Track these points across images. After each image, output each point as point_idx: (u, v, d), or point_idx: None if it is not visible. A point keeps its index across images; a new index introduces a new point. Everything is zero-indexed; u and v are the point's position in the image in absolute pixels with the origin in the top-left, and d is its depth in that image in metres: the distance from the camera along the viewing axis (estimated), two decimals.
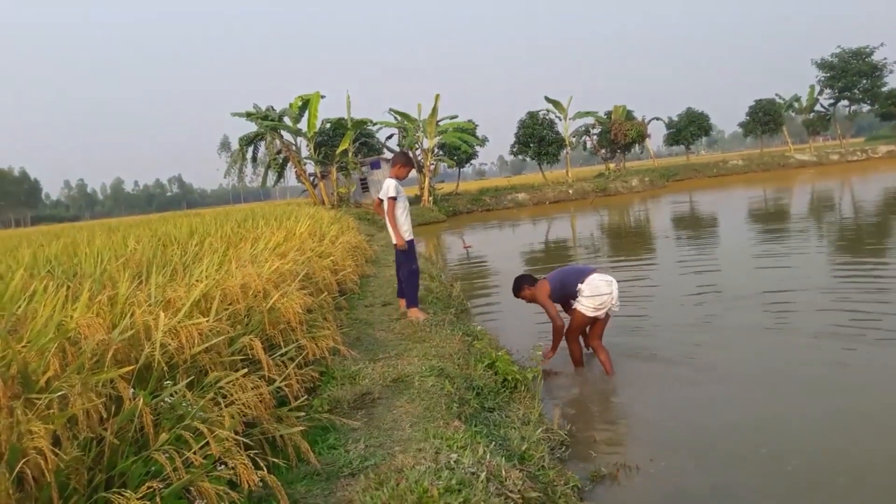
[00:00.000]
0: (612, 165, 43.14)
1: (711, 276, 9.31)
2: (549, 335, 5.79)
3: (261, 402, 2.98)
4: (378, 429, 3.38)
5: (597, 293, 5.27)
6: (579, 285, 5.33)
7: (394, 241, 6.23)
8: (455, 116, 34.24)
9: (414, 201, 33.60)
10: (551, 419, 4.11)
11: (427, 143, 33.40)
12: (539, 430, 3.70)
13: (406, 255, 6.29)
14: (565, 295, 5.50)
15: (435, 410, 3.54)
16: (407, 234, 6.29)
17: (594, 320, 5.42)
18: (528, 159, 41.85)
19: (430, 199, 32.90)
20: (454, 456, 2.87)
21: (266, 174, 33.35)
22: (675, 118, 48.36)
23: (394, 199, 6.17)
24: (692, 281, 9.06)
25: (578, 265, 5.71)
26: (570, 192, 36.10)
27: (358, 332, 5.60)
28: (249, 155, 33.35)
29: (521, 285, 5.65)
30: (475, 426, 3.48)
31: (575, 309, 5.40)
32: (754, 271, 9.30)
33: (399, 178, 6.32)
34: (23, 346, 2.59)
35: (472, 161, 38.66)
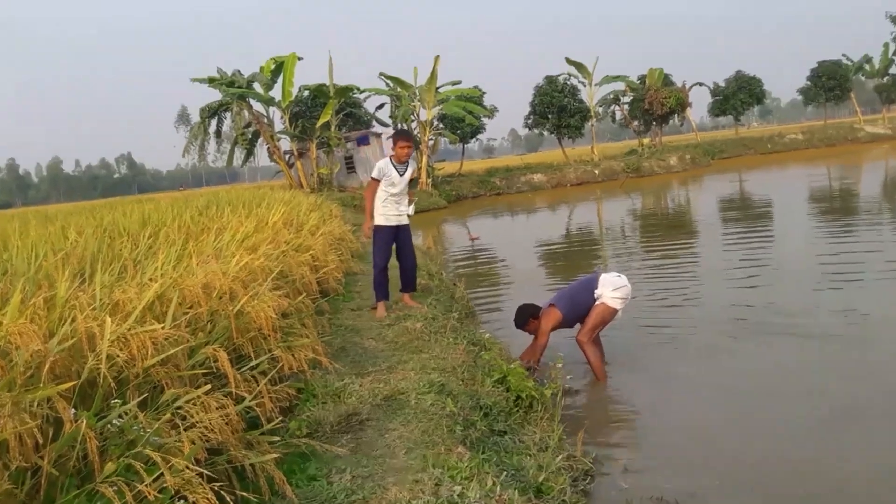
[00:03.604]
0: (646, 140, 43.21)
1: (763, 275, 9.31)
2: (572, 342, 5.97)
3: (227, 424, 2.99)
4: (367, 456, 3.40)
5: (617, 286, 5.84)
6: (596, 291, 5.85)
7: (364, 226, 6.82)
8: (458, 82, 34.27)
9: (410, 184, 33.41)
10: (573, 444, 4.11)
11: (425, 115, 33.29)
12: (559, 458, 3.71)
13: (373, 243, 6.78)
14: (581, 312, 5.89)
15: (435, 434, 3.55)
16: (380, 218, 6.77)
17: (612, 316, 5.88)
18: (545, 133, 41.89)
19: (429, 181, 32.75)
20: (458, 489, 2.86)
21: (232, 152, 33.30)
22: (722, 84, 48.35)
23: (374, 179, 6.70)
24: (740, 279, 9.09)
25: (578, 279, 6.23)
26: (597, 172, 36.26)
27: (343, 340, 5.65)
28: (212, 129, 33.35)
29: (527, 318, 5.95)
30: (483, 453, 3.49)
31: (600, 304, 5.80)
32: (817, 272, 9.25)
33: (399, 161, 6.75)
34: None
35: (479, 135, 38.83)
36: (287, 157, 33.04)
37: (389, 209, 6.79)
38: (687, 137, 61.14)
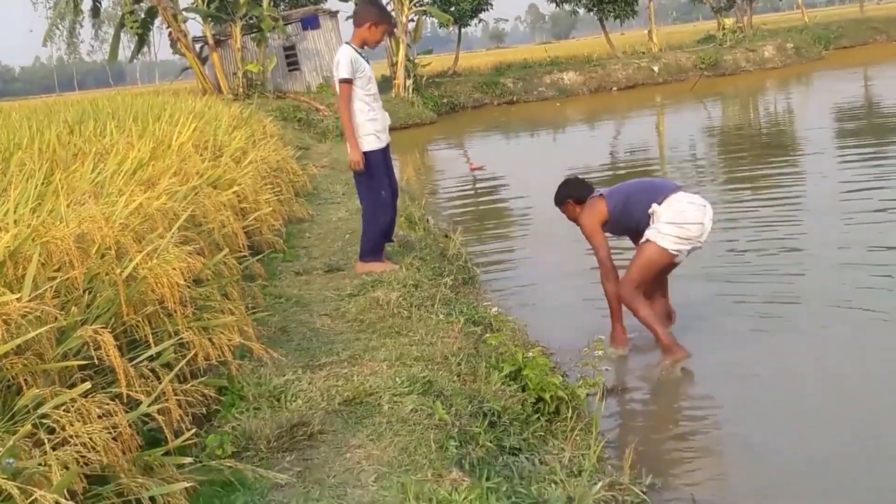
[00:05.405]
0: (728, 22, 38.65)
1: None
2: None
3: (115, 439, 2.79)
4: (320, 485, 3.06)
5: (682, 220, 5.02)
6: (654, 206, 5.10)
7: (350, 157, 5.95)
8: None
9: (382, 87, 31.96)
10: (618, 466, 3.79)
11: None
12: (598, 486, 3.34)
13: (367, 175, 5.96)
14: (630, 222, 5.29)
15: (418, 453, 3.23)
16: (372, 140, 5.92)
17: (670, 264, 5.18)
18: (580, 11, 37.76)
19: (410, 84, 28.83)
20: None
21: (117, 40, 29.44)
22: None
23: (348, 81, 5.74)
24: (863, 228, 8.16)
25: (656, 180, 5.84)
26: (656, 69, 32.54)
27: (284, 317, 5.29)
28: (87, 6, 29.33)
29: (566, 197, 5.51)
30: (488, 479, 3.12)
31: (646, 241, 5.10)
32: None
33: (368, 44, 5.98)
34: None
35: (481, 14, 34.69)
36: (199, 47, 28.59)
37: (378, 121, 5.95)
38: (789, 17, 54.28)
